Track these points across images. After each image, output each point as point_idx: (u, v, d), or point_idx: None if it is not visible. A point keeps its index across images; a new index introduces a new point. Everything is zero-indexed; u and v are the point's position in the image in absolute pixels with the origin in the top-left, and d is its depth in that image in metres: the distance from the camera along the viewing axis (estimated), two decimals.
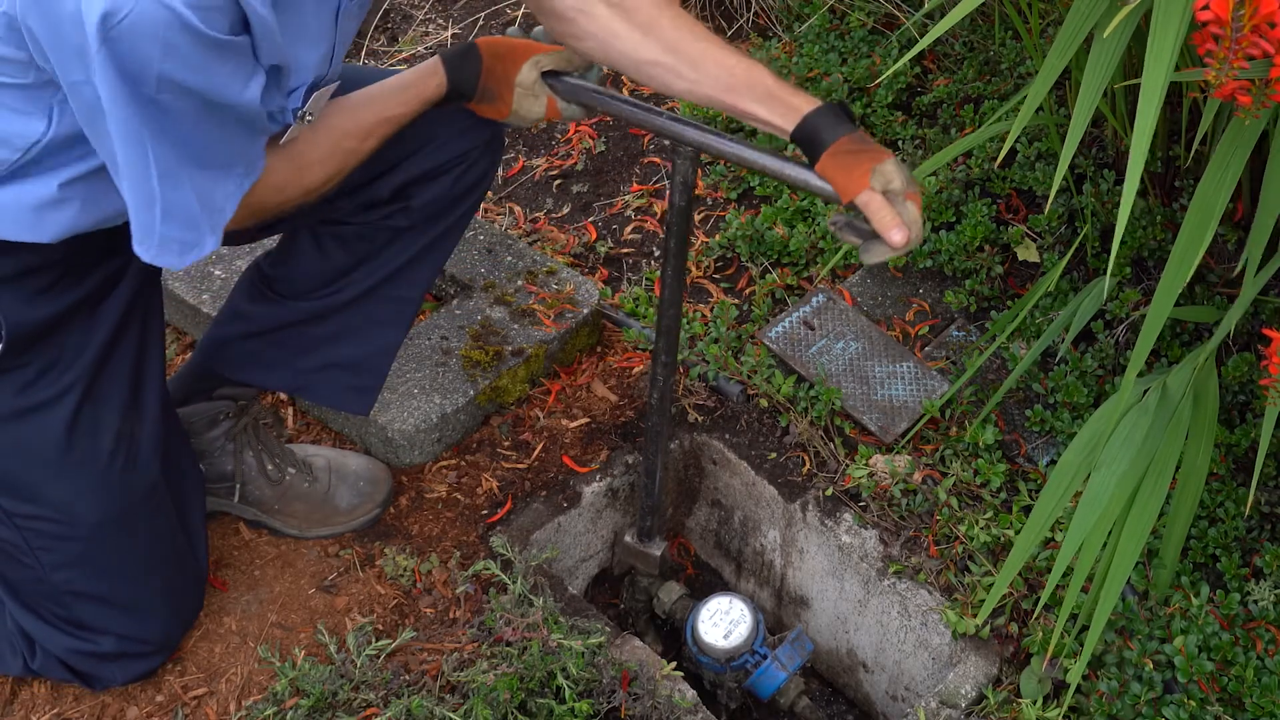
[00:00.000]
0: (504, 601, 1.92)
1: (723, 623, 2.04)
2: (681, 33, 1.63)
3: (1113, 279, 2.22)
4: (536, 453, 2.22)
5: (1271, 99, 1.31)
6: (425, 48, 3.15)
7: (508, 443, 2.23)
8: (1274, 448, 2.04)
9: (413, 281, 1.92)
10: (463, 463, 2.20)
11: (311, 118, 1.56)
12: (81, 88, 1.31)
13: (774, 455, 2.20)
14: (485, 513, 2.12)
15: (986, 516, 2.04)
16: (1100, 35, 1.49)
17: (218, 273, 2.36)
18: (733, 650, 2.02)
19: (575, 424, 2.26)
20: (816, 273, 2.46)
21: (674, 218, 1.74)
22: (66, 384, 1.66)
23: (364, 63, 3.11)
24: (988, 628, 1.94)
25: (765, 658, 2.04)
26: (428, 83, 1.70)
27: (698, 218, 2.64)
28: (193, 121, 1.36)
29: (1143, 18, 1.62)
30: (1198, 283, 2.20)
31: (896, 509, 2.08)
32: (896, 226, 1.51)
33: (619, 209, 2.70)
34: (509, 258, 2.43)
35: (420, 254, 1.89)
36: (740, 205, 2.65)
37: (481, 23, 3.23)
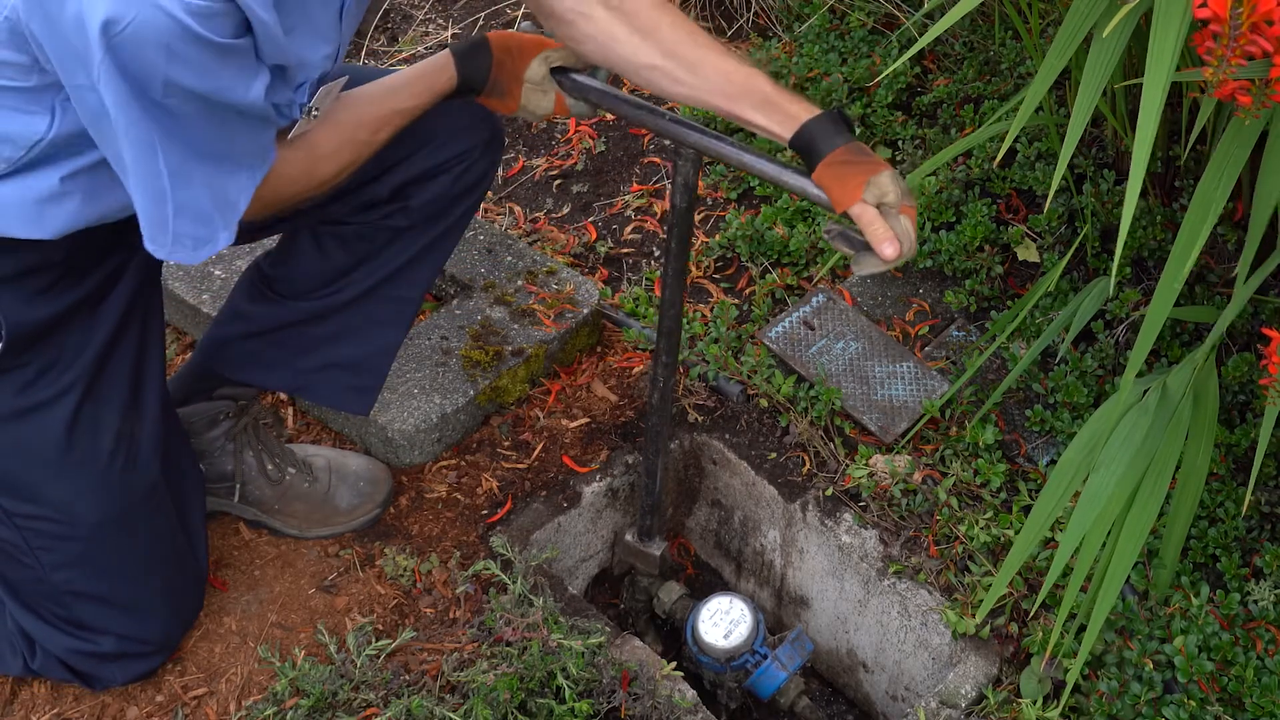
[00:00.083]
0: (504, 601, 1.92)
1: (723, 622, 2.04)
2: (681, 37, 1.62)
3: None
4: (536, 453, 2.22)
5: (1271, 99, 1.32)
6: (425, 48, 3.15)
7: (508, 443, 2.23)
8: (1273, 447, 2.04)
9: (413, 281, 1.92)
10: (463, 463, 2.20)
11: (318, 112, 1.56)
12: (86, 91, 1.31)
13: (774, 455, 2.20)
14: (485, 513, 2.12)
15: (986, 516, 2.04)
16: (1100, 35, 1.49)
17: (218, 273, 2.36)
18: (733, 650, 2.02)
19: (575, 424, 2.26)
20: (816, 273, 2.46)
21: (675, 219, 1.74)
22: (66, 384, 1.66)
23: (364, 62, 3.11)
24: (987, 627, 1.94)
25: (765, 658, 2.04)
26: (439, 75, 1.70)
27: (698, 218, 2.64)
28: (200, 122, 1.36)
29: (1142, 17, 1.62)
30: (1198, 283, 2.20)
31: (896, 509, 2.08)
32: (889, 240, 1.50)
33: (619, 209, 2.70)
34: (509, 258, 2.43)
35: (420, 254, 1.90)
36: (740, 205, 2.65)
37: (481, 22, 3.23)
